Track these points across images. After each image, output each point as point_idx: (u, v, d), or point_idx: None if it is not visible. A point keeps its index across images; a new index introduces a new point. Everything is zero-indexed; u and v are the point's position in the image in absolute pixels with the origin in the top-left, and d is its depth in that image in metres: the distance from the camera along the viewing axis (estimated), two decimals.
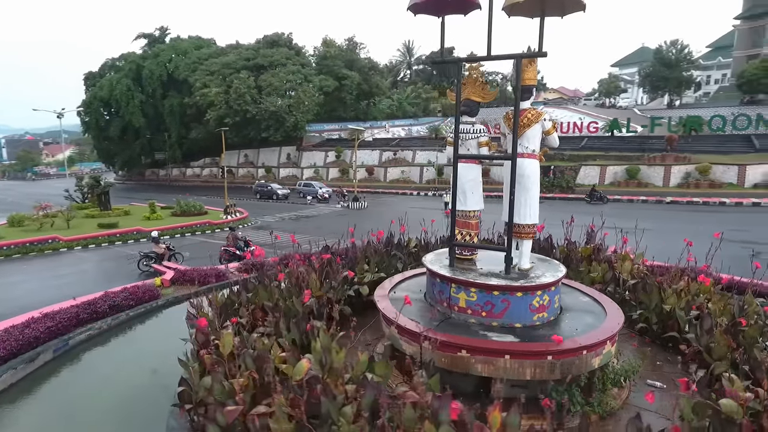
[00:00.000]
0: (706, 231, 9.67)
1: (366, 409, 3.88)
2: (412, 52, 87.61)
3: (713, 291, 7.01)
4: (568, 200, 33.11)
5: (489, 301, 5.61)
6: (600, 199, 31.36)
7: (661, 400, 5.43)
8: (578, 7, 5.27)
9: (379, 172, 47.82)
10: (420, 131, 63.79)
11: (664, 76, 67.59)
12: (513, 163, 5.63)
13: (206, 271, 10.98)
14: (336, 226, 25.65)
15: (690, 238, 7.97)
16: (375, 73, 61.14)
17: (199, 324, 4.95)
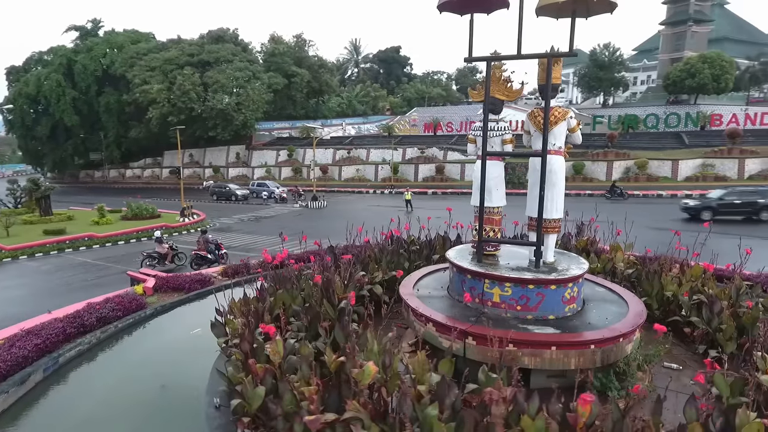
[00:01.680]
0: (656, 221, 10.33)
1: (449, 408, 3.85)
2: (359, 50, 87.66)
3: (707, 277, 7.53)
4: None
5: (524, 295, 5.73)
6: (621, 195, 30.96)
7: (678, 380, 5.77)
8: (606, 9, 5.47)
9: (334, 170, 47.45)
10: (370, 129, 63.94)
11: (599, 77, 71.63)
12: (543, 160, 5.77)
13: (190, 277, 10.44)
14: (299, 226, 25.18)
15: (643, 228, 8.54)
16: (325, 71, 60.51)
17: (269, 331, 4.68)
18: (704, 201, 23.23)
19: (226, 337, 5.62)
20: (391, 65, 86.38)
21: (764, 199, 21.89)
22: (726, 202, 22.46)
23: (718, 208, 22.27)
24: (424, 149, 45.66)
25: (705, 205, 22.66)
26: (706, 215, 21.72)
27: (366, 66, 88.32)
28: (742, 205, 22.06)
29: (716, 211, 22.00)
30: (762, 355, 4.84)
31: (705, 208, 22.42)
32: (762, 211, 21.69)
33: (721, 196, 23.06)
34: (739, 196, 22.71)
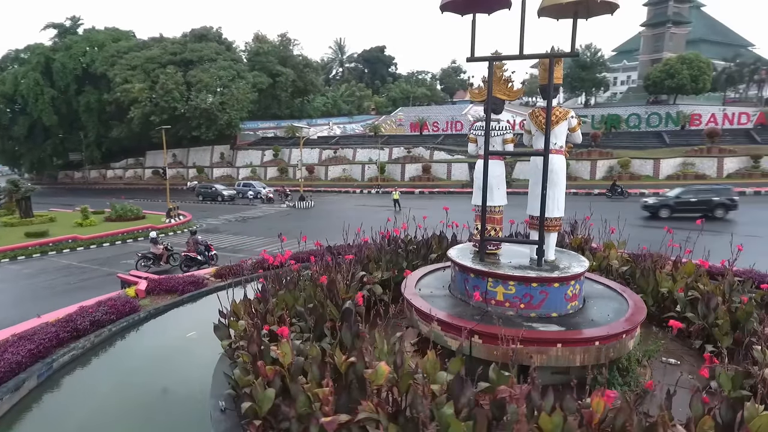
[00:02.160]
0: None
1: (465, 406, 3.86)
2: (344, 49, 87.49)
3: (701, 273, 7.69)
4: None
5: (528, 293, 5.77)
6: (621, 193, 31.63)
7: (673, 374, 5.87)
8: (607, 10, 5.54)
9: (320, 170, 47.25)
10: (355, 129, 63.85)
11: (581, 77, 72.78)
12: (545, 159, 5.83)
13: (183, 279, 10.29)
14: (287, 226, 25.05)
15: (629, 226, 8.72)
16: (310, 71, 60.21)
17: (282, 333, 4.63)
18: (662, 199, 23.98)
19: (229, 340, 5.54)
20: (376, 65, 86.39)
21: (718, 197, 22.72)
22: (682, 201, 23.24)
23: (675, 206, 23.06)
24: (411, 149, 45.75)
25: (663, 204, 23.48)
26: (664, 213, 22.70)
27: (351, 66, 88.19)
28: (697, 203, 22.81)
29: (673, 209, 22.83)
30: (762, 349, 4.97)
31: (663, 206, 23.30)
32: (716, 208, 22.45)
33: (677, 194, 23.87)
34: (695, 194, 23.52)
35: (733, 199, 22.65)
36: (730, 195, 22.87)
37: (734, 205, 22.57)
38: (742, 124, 43.17)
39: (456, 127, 50.17)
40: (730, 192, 23.14)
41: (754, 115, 43.44)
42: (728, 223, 21.02)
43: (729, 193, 22.99)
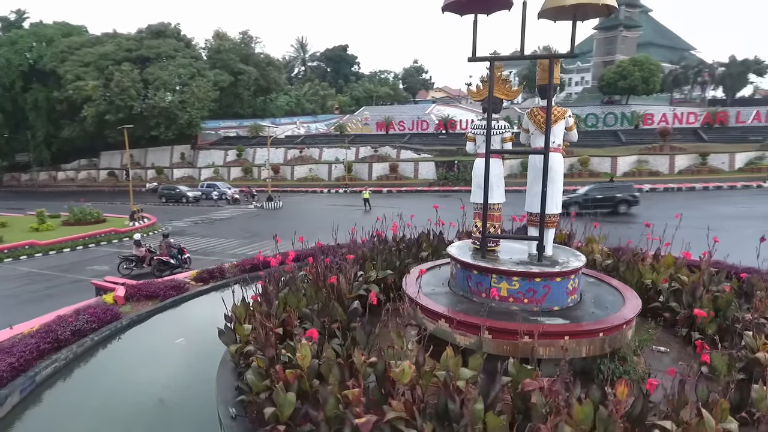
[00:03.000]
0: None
1: (494, 401, 3.92)
2: (306, 48, 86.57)
3: (680, 265, 8.09)
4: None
5: (531, 288, 5.91)
6: None
7: (663, 360, 6.18)
8: (604, 12, 5.74)
9: (286, 170, 46.59)
10: (319, 128, 63.38)
11: None
12: (546, 157, 5.98)
13: (164, 284, 9.93)
14: (258, 227, 24.63)
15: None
16: (273, 69, 59.27)
17: (311, 335, 4.53)
18: (572, 197, 25.24)
19: (237, 345, 5.38)
20: (339, 64, 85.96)
21: (621, 194, 24.50)
22: (590, 198, 24.66)
23: (583, 203, 24.30)
24: (378, 148, 45.82)
25: (572, 201, 24.55)
26: (573, 209, 23.60)
27: (313, 64, 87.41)
28: (603, 199, 24.28)
29: (581, 206, 23.91)
30: (753, 334, 5.29)
31: (572, 203, 24.20)
32: (620, 204, 24.13)
33: (585, 192, 25.51)
34: (600, 191, 25.12)
35: (634, 196, 24.47)
36: (631, 192, 24.70)
37: (636, 201, 24.33)
38: (690, 123, 45.67)
39: (422, 127, 50.64)
40: (632, 189, 25.01)
41: (701, 115, 46.05)
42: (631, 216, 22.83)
43: (631, 190, 24.84)
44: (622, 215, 23.52)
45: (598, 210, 23.32)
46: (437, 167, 41.38)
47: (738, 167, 38.19)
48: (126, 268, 14.91)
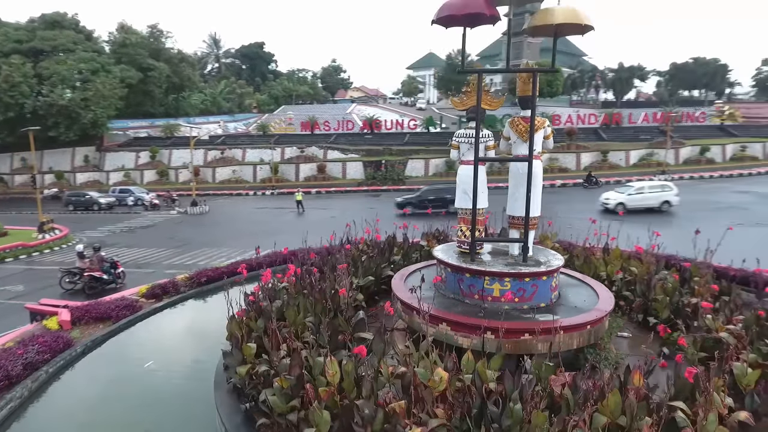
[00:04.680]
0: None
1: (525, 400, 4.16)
2: (220, 44, 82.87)
3: (628, 257, 8.99)
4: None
5: (521, 288, 6.29)
6: (596, 183, 34.75)
7: (631, 347, 6.87)
8: (579, 31, 6.23)
9: (206, 172, 44.31)
10: (237, 128, 61.10)
11: (455, 79, 78.36)
12: (530, 164, 6.38)
13: (115, 304, 9.14)
14: (188, 234, 23.32)
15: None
16: (186, 65, 56.00)
17: (360, 353, 4.42)
18: (407, 197, 27.47)
19: (246, 366, 5.14)
20: (255, 61, 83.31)
21: (450, 195, 25.89)
22: (423, 198, 26.62)
23: (418, 203, 26.32)
24: (304, 148, 45.12)
25: (407, 201, 26.72)
26: (410, 209, 25.92)
27: (227, 61, 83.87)
28: (435, 199, 26.18)
29: (416, 206, 26.10)
30: (712, 317, 6.07)
31: (408, 203, 26.53)
32: (449, 203, 25.22)
33: (420, 193, 27.52)
34: (434, 192, 27.10)
35: None
36: None
37: None
38: (591, 123, 50.15)
39: (347, 127, 50.65)
40: None
41: (600, 116, 50.75)
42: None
43: None
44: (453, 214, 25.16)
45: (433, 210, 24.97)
46: (365, 167, 41.66)
47: (633, 163, 42.61)
48: (69, 282, 13.76)
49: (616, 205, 24.71)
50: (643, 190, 25.53)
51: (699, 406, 3.98)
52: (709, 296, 7.15)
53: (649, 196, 25.05)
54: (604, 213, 24.30)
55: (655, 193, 25.41)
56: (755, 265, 8.37)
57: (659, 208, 24.16)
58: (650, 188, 25.90)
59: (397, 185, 39.17)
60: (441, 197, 26.30)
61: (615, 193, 26.21)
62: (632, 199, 24.86)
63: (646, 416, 3.87)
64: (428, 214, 24.23)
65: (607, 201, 25.64)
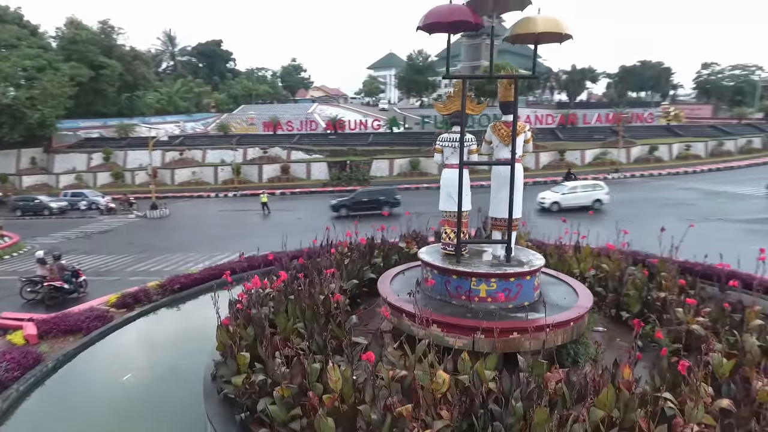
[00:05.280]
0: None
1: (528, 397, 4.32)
2: (175, 41, 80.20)
3: (597, 254, 9.39)
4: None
5: (507, 288, 6.48)
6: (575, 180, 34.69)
7: (607, 338, 7.21)
8: (556, 39, 6.48)
9: (165, 174, 42.84)
10: (195, 128, 59.49)
11: (415, 80, 79.20)
12: (512, 168, 6.59)
13: (85, 315, 8.76)
14: (150, 240, 22.53)
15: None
16: (140, 63, 53.92)
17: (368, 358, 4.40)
18: (341, 200, 27.66)
19: (241, 376, 5.06)
20: (213, 60, 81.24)
21: (384, 197, 27.20)
22: (357, 200, 27.04)
23: (351, 205, 26.78)
24: (267, 149, 44.38)
25: (341, 204, 26.97)
26: (343, 211, 26.34)
27: (183, 59, 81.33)
28: (368, 201, 26.81)
29: (350, 208, 26.42)
30: (684, 311, 6.45)
31: (342, 206, 26.82)
32: (383, 205, 26.74)
33: (353, 195, 27.84)
34: (367, 195, 27.67)
35: (396, 198, 27.00)
36: (394, 195, 27.29)
37: (397, 203, 26.77)
38: (548, 124, 51.86)
39: (310, 127, 50.22)
40: (394, 192, 27.69)
41: (557, 117, 52.55)
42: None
43: (393, 194, 27.46)
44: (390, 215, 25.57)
45: (365, 212, 25.63)
46: (330, 167, 41.43)
47: (588, 162, 44.35)
48: (31, 291, 13.08)
49: (551, 204, 25.44)
50: (576, 190, 26.32)
51: (685, 396, 4.26)
52: (676, 290, 7.59)
53: (582, 195, 25.79)
54: (541, 212, 24.92)
55: (588, 192, 26.23)
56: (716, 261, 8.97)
57: (592, 206, 25.00)
58: (583, 187, 26.69)
59: (362, 185, 39.14)
60: (375, 199, 26.91)
61: (551, 193, 26.82)
62: (566, 198, 25.51)
63: (638, 408, 4.09)
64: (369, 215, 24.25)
65: (543, 200, 26.20)
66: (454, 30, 6.40)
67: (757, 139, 50.07)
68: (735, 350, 5.47)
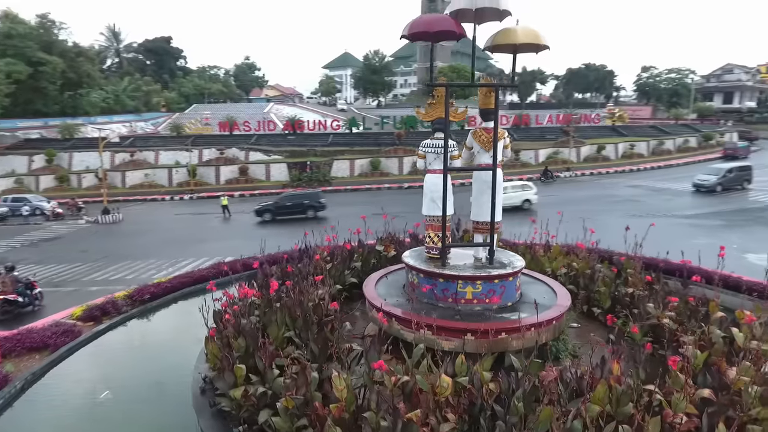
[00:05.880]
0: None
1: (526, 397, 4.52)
2: (120, 37, 76.58)
3: (565, 252, 9.83)
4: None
5: (491, 289, 6.71)
6: (551, 177, 37.04)
7: (581, 333, 7.57)
8: (533, 50, 6.75)
9: (115, 176, 40.90)
10: (146, 128, 57.20)
11: (372, 80, 79.43)
12: (494, 173, 6.82)
13: (51, 330, 8.30)
14: (106, 246, 21.54)
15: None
16: (85, 60, 51.15)
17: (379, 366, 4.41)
18: (265, 204, 27.07)
19: (240, 389, 4.99)
20: (162, 57, 78.24)
21: (308, 200, 27.03)
22: (280, 205, 26.76)
23: (275, 209, 26.48)
24: (224, 150, 43.25)
25: (265, 208, 26.61)
26: (267, 216, 26.11)
27: (130, 56, 77.82)
28: (293, 206, 26.62)
29: (274, 213, 26.35)
30: (655, 306, 6.89)
31: (265, 211, 26.62)
32: (307, 209, 26.65)
33: (276, 200, 27.51)
34: (290, 199, 27.39)
35: (320, 202, 26.82)
36: (318, 199, 27.11)
37: (322, 207, 26.70)
38: (503, 124, 53.14)
39: (268, 127, 49.35)
40: (319, 196, 27.53)
41: (511, 117, 54.14)
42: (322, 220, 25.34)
43: (318, 197, 27.29)
44: (312, 219, 25.86)
45: (290, 216, 25.67)
46: (290, 168, 40.89)
47: (541, 161, 46.00)
48: None
49: None
50: (507, 190, 26.58)
51: (668, 388, 4.58)
52: (641, 286, 8.08)
53: (513, 196, 26.32)
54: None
55: (518, 193, 27.01)
56: (665, 255, 9.62)
57: (521, 206, 25.76)
58: (512, 188, 27.26)
59: (323, 186, 38.88)
60: (299, 203, 26.60)
61: None
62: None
63: (629, 402, 4.37)
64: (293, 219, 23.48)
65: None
66: (437, 39, 6.54)
67: (692, 138, 53.57)
68: (702, 342, 5.91)
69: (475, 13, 6.56)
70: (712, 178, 29.54)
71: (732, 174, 29.83)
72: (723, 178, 29.37)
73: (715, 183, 29.19)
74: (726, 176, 29.51)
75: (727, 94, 78.51)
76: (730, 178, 29.62)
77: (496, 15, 6.60)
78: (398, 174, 42.39)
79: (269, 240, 10.63)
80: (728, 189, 29.26)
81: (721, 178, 29.35)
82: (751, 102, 79.59)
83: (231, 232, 24.31)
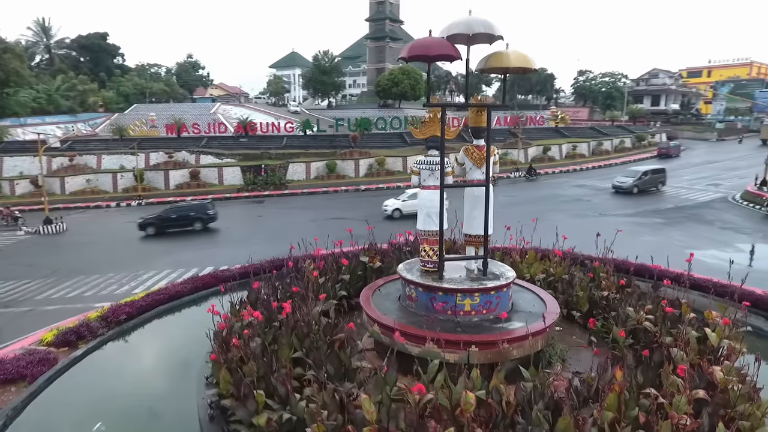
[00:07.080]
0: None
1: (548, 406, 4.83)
2: (50, 32, 71.49)
3: (542, 257, 10.36)
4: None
5: (488, 300, 7.03)
6: (535, 175, 39.56)
7: (563, 336, 8.06)
8: (521, 72, 7.12)
9: (53, 182, 38.30)
10: (82, 130, 53.91)
11: (322, 80, 78.77)
12: (487, 189, 7.14)
13: (25, 359, 7.81)
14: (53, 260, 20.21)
15: None
16: (12, 57, 47.41)
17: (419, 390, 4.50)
18: (147, 218, 25.26)
19: (263, 415, 4.98)
20: (98, 54, 73.86)
21: (195, 212, 25.72)
22: (165, 217, 25.30)
23: (159, 222, 25.01)
24: (172, 153, 41.56)
25: (148, 222, 24.88)
26: (150, 230, 24.57)
27: (62, 53, 72.88)
28: (178, 218, 25.34)
29: (158, 226, 24.86)
30: (634, 310, 7.44)
31: (148, 224, 24.78)
32: (195, 221, 25.31)
33: (160, 213, 25.89)
34: (176, 211, 25.94)
35: (208, 214, 25.62)
36: (206, 210, 25.80)
37: (211, 218, 25.62)
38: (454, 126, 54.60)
39: (219, 129, 47.89)
40: (207, 208, 26.07)
41: (462, 119, 55.53)
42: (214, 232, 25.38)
43: (206, 209, 25.91)
44: (204, 231, 25.17)
45: (175, 229, 24.83)
46: (244, 172, 39.91)
47: None
48: None
49: (393, 211, 25.37)
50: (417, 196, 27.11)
51: (664, 391, 5.04)
52: (614, 289, 8.68)
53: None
54: (386, 219, 24.67)
55: None
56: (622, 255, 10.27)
57: None
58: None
59: (279, 190, 38.30)
60: (185, 215, 25.48)
61: (393, 200, 26.30)
62: (407, 205, 25.09)
63: (636, 407, 4.78)
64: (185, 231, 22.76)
65: (386, 207, 25.77)
66: (433, 60, 6.76)
67: (627, 139, 57.26)
68: (678, 342, 6.48)
69: (467, 37, 6.84)
70: (629, 181, 31.33)
71: (647, 177, 31.52)
72: (639, 181, 31.19)
73: (631, 185, 30.97)
74: (642, 179, 31.30)
75: (655, 96, 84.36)
76: (646, 181, 31.38)
77: (487, 38, 6.91)
78: (354, 176, 42.43)
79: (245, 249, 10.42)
80: (644, 191, 31.10)
81: (637, 180, 31.17)
82: (675, 104, 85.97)
83: (191, 241, 23.45)
